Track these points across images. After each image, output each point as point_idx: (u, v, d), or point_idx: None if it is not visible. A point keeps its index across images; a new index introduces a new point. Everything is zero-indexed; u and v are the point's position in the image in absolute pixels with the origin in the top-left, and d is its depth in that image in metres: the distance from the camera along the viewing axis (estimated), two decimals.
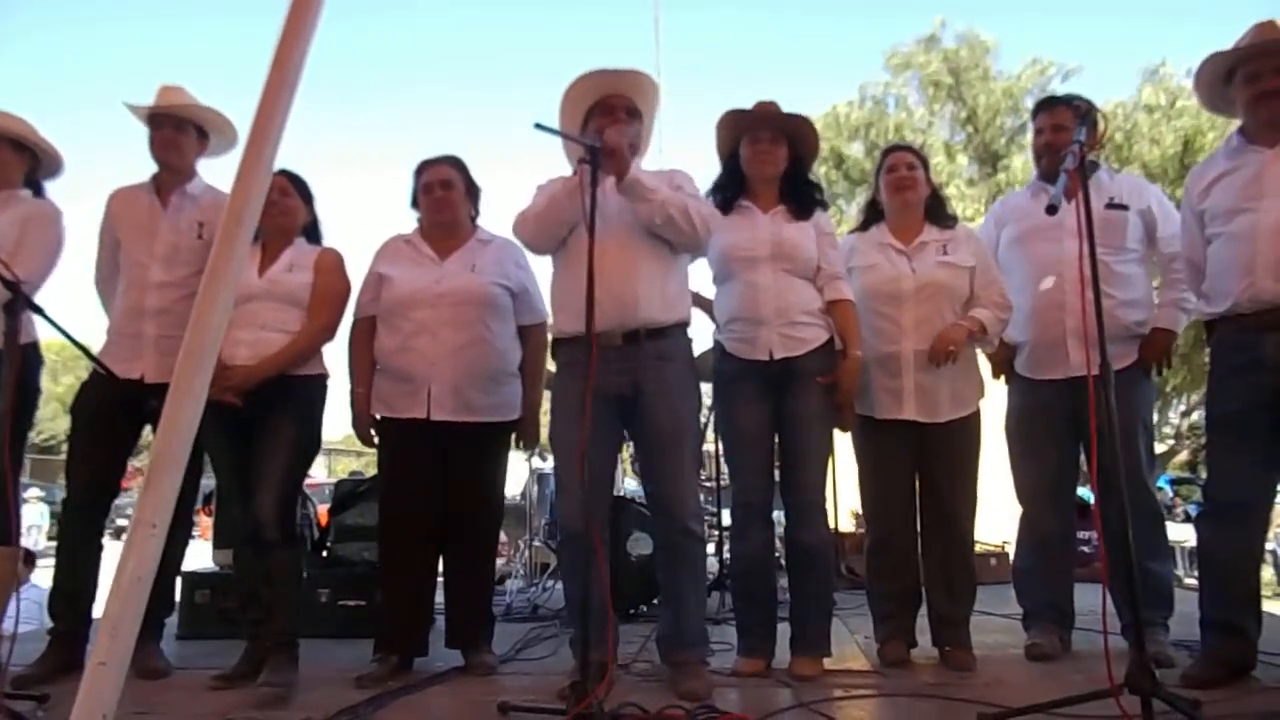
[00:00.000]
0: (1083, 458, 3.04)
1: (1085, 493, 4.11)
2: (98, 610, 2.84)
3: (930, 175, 3.13)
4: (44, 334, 2.99)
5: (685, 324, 2.72)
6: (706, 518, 4.92)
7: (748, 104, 2.96)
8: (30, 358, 2.88)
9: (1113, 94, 14.69)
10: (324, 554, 3.91)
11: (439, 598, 3.04)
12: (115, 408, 2.88)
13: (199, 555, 4.05)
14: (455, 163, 3.05)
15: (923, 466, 2.94)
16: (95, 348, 2.82)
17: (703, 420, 3.63)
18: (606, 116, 2.67)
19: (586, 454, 2.33)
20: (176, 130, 3.02)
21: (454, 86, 61.41)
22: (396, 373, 2.91)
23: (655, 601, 3.97)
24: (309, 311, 2.89)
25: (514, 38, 57.16)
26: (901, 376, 2.89)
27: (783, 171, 2.91)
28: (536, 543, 5.37)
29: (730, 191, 2.92)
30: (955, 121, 16.18)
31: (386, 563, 2.93)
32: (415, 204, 3.07)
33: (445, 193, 2.98)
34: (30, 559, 5.91)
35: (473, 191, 3.09)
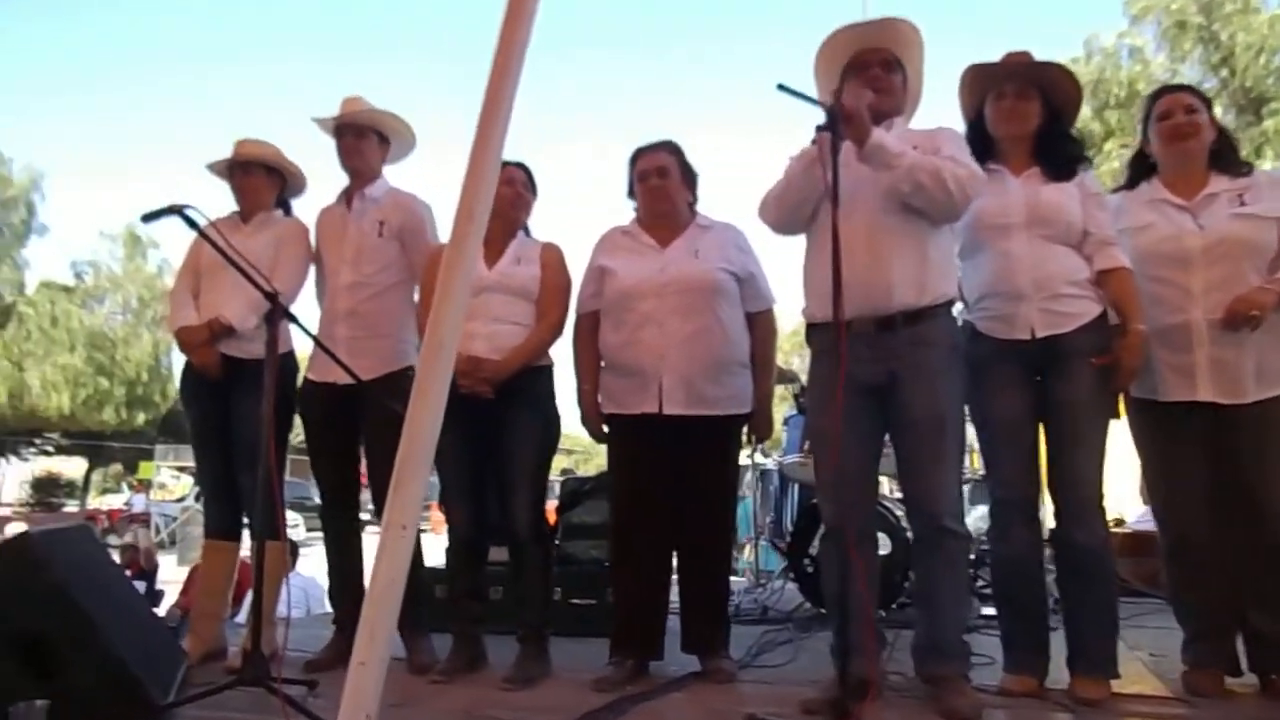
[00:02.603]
0: None
1: None
2: None
3: (1214, 117, 2.67)
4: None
5: (948, 303, 2.45)
6: None
7: (991, 58, 2.65)
8: (287, 366, 3.09)
9: None
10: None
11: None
12: (329, 411, 3.05)
13: (432, 550, 4.22)
14: (671, 148, 2.95)
15: (1225, 457, 2.49)
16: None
17: None
18: (860, 75, 2.46)
19: (843, 448, 2.19)
20: (358, 137, 3.14)
21: (649, 55, 60.91)
22: (624, 367, 2.84)
23: (894, 606, 3.72)
24: (540, 308, 2.92)
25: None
26: (1192, 351, 2.47)
27: (1036, 129, 2.58)
28: (763, 541, 5.21)
29: (977, 155, 2.61)
30: (1205, 66, 14.26)
31: (619, 563, 2.88)
32: (632, 193, 2.99)
33: (662, 181, 2.88)
34: (293, 550, 6.55)
35: (689, 177, 2.98)
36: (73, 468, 25.74)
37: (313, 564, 6.84)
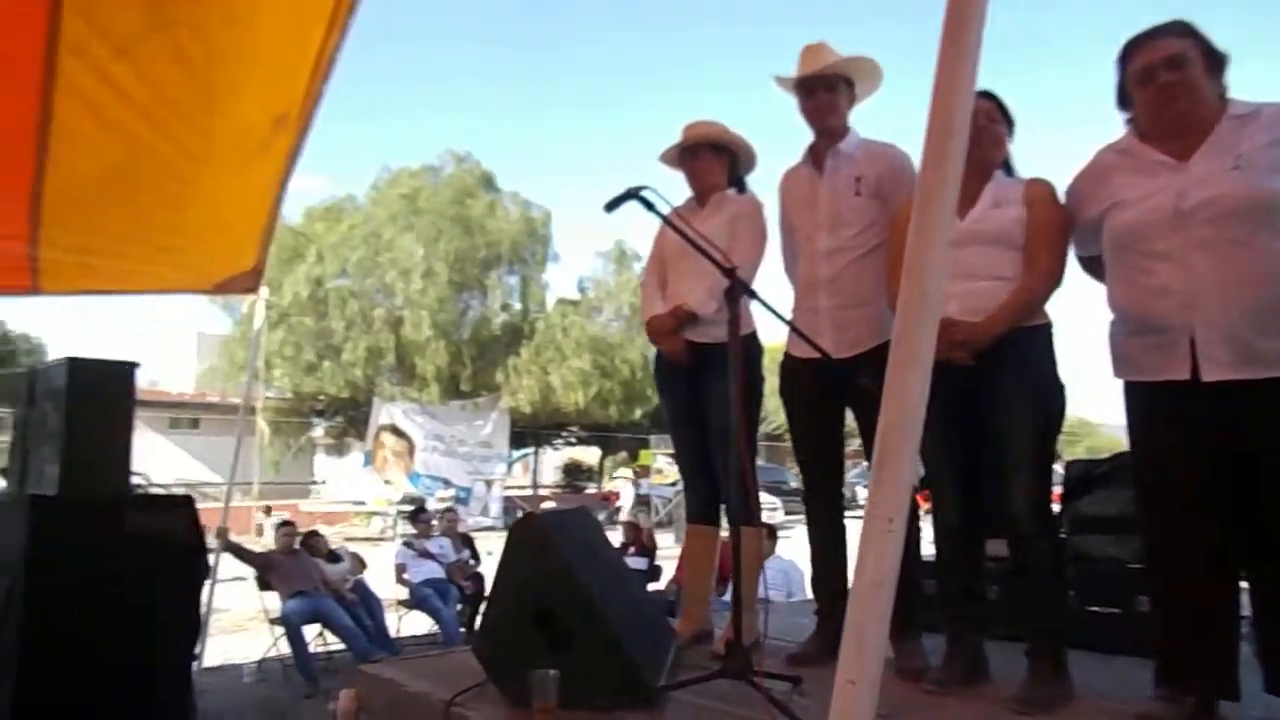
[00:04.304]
0: None
1: None
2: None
3: None
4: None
5: None
6: None
7: None
8: (750, 347, 3.01)
9: None
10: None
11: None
12: (812, 390, 2.86)
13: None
14: (1183, 30, 2.23)
15: None
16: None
17: None
18: None
19: None
20: (829, 91, 2.85)
21: None
22: (1140, 323, 2.24)
23: None
24: (1029, 254, 2.43)
25: None
26: None
27: None
28: None
29: None
30: None
31: (1159, 572, 2.27)
32: (1123, 103, 2.35)
33: (1173, 75, 2.18)
34: (771, 533, 6.71)
35: (1216, 62, 2.23)
36: (590, 456, 30.29)
37: (792, 547, 6.94)
